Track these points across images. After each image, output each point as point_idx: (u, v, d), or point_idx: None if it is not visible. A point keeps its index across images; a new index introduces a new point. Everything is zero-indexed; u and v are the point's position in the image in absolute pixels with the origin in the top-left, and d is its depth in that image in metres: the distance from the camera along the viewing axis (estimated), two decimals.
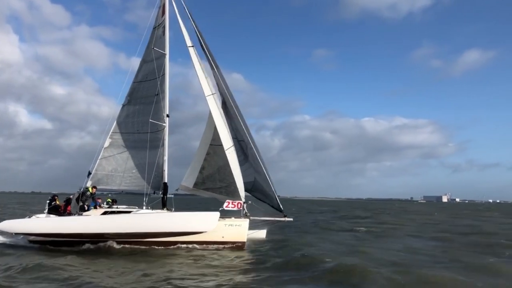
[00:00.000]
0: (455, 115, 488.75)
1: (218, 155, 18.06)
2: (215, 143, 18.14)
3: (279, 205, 16.84)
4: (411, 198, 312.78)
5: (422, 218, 41.40)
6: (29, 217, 15.88)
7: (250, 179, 18.38)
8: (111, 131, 18.83)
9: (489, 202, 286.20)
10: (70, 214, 15.78)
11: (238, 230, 15.65)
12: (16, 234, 15.48)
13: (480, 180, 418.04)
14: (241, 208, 15.97)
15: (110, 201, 17.53)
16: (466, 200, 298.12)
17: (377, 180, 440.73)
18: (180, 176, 19.14)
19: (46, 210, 16.52)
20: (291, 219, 16.93)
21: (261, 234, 17.81)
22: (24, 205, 51.66)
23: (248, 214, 16.04)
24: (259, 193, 18.08)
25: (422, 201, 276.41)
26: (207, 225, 14.33)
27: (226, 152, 16.71)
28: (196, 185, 18.50)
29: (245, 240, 15.79)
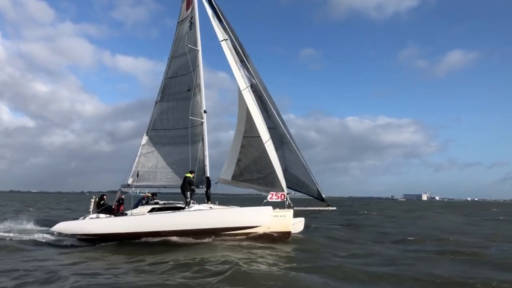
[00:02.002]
0: (438, 115, 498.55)
1: (252, 147, 18.30)
2: (249, 135, 18.35)
3: (321, 194, 17.14)
4: (392, 196, 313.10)
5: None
6: (83, 218, 16.34)
7: (287, 168, 18.70)
8: (147, 128, 19.12)
9: (468, 200, 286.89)
10: (123, 214, 16.22)
11: (284, 220, 16.04)
12: (68, 235, 15.97)
13: (461, 178, 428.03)
14: (285, 199, 16.32)
15: (150, 195, 17.93)
16: (445, 199, 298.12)
17: (360, 179, 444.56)
18: None
19: (92, 210, 16.99)
20: (335, 208, 17.25)
21: (299, 224, 18.21)
22: None
23: (292, 205, 16.40)
24: (297, 183, 18.42)
25: (402, 199, 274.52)
26: (262, 219, 14.71)
27: (265, 145, 16.92)
28: (234, 177, 18.83)
29: (290, 230, 16.20)
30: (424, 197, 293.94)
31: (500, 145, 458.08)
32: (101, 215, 16.13)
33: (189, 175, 16.15)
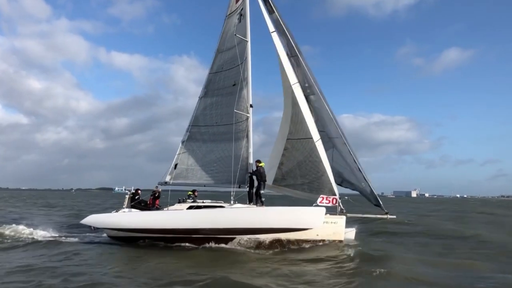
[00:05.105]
0: (433, 112, 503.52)
1: (297, 150, 16.80)
2: (293, 137, 16.90)
3: (378, 200, 15.22)
4: (382, 193, 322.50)
5: None
6: (116, 211, 15.29)
7: (338, 169, 17.00)
8: (189, 124, 18.19)
9: (457, 197, 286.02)
10: (158, 208, 15.08)
11: (334, 227, 14.29)
12: (98, 228, 14.92)
13: (453, 175, 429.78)
14: (337, 204, 14.57)
15: (191, 192, 16.76)
16: (435, 195, 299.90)
17: None
18: (159, 172, 17.98)
19: (126, 204, 15.95)
20: (394, 216, 15.21)
21: (351, 233, 16.28)
22: None
23: (345, 211, 14.62)
24: (350, 185, 16.66)
25: (391, 196, 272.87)
26: (314, 221, 13.07)
27: (316, 145, 15.46)
28: (275, 181, 17.31)
29: (342, 239, 14.39)
30: (414, 194, 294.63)
31: (493, 143, 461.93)
32: (134, 210, 15.03)
33: (262, 164, 15.17)
